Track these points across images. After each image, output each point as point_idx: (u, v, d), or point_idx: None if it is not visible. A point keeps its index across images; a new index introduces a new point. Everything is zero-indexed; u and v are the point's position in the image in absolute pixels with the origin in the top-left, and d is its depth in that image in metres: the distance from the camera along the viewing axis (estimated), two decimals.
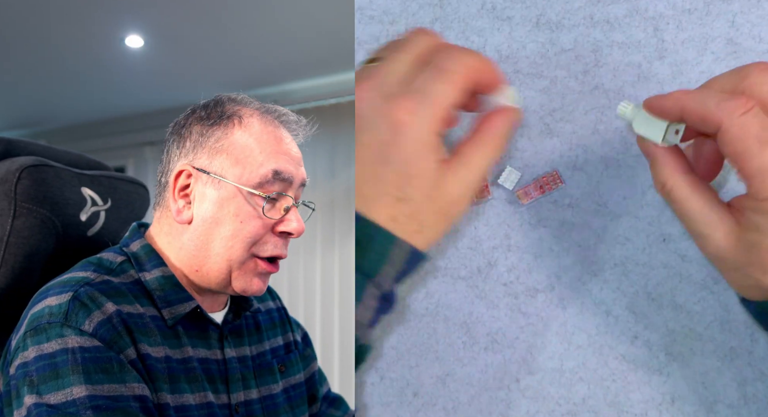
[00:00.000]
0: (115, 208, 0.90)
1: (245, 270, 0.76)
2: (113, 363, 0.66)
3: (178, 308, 0.74)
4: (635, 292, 0.67)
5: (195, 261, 0.76)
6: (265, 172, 0.74)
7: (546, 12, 0.71)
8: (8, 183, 0.79)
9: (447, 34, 0.73)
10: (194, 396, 0.73)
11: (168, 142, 0.79)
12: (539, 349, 0.69)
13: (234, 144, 0.75)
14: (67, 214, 0.83)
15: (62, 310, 0.67)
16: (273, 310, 0.90)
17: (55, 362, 0.65)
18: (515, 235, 0.70)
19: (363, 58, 0.75)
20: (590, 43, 0.69)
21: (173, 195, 0.76)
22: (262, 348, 0.85)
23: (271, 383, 0.83)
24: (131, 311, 0.71)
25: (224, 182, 0.74)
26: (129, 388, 0.66)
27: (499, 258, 0.71)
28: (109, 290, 0.70)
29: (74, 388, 0.64)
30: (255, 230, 0.74)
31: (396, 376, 0.73)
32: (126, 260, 0.76)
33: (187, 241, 0.76)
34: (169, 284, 0.75)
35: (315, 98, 3.14)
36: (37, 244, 0.81)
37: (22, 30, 2.69)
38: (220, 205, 0.74)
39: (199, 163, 0.75)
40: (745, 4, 0.66)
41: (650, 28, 0.68)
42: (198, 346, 0.76)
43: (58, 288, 0.70)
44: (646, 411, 0.66)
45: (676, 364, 0.66)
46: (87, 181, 0.87)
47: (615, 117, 0.68)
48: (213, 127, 0.76)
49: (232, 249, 0.74)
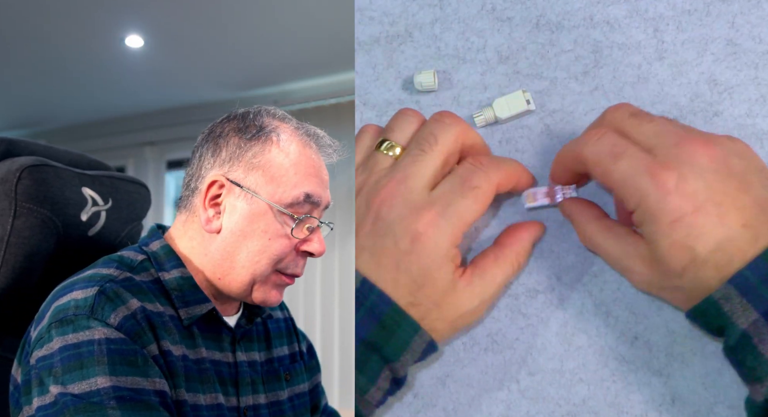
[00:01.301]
0: (116, 208, 0.90)
1: (266, 282, 0.77)
2: (137, 356, 0.68)
3: (194, 309, 0.75)
4: (635, 292, 0.67)
5: (219, 269, 0.77)
6: (297, 193, 0.76)
7: (546, 13, 0.71)
8: (9, 183, 0.79)
9: (447, 35, 0.73)
10: (205, 396, 0.74)
11: (201, 147, 0.79)
12: (539, 350, 0.69)
13: (270, 162, 0.76)
14: (67, 214, 0.83)
15: (88, 304, 0.68)
16: (281, 320, 0.91)
17: (80, 353, 0.66)
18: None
19: (363, 58, 0.75)
20: (590, 44, 0.69)
21: (204, 203, 0.76)
22: (270, 355, 0.86)
23: (279, 390, 0.84)
24: (153, 309, 0.72)
25: (257, 198, 0.75)
26: (151, 382, 0.67)
27: None
28: (132, 287, 0.72)
29: (99, 378, 0.65)
30: (282, 248, 0.76)
31: None
32: (146, 259, 0.77)
33: (214, 250, 0.77)
34: (187, 285, 0.76)
35: (315, 98, 3.14)
36: (37, 244, 0.81)
37: (22, 30, 2.69)
38: (251, 219, 0.75)
39: (234, 175, 0.76)
40: (745, 5, 0.66)
41: (650, 29, 0.68)
42: (211, 348, 0.77)
43: (83, 282, 0.71)
44: (647, 412, 0.66)
45: (676, 365, 0.66)
46: (88, 181, 0.87)
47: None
48: (251, 141, 0.76)
49: (258, 264, 0.76)
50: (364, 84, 0.74)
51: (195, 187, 0.78)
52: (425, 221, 0.55)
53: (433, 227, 0.55)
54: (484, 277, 0.59)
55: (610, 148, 0.55)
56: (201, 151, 0.79)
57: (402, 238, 0.56)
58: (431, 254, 0.56)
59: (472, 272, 0.59)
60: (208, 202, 0.76)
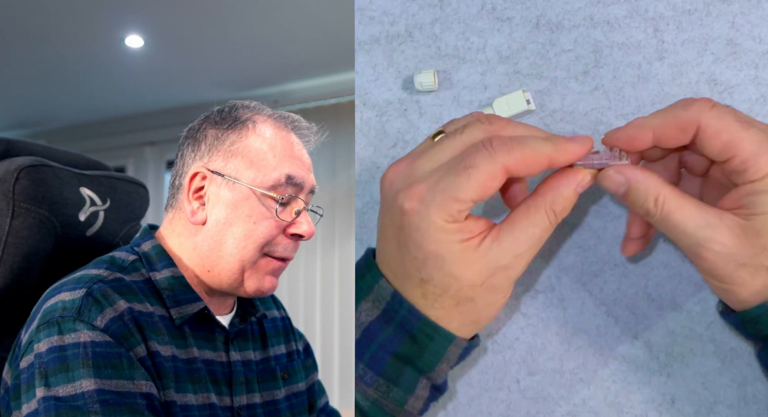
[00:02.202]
0: (115, 208, 0.90)
1: (257, 269, 0.77)
2: (123, 359, 0.67)
3: (186, 308, 0.75)
4: (635, 292, 0.67)
5: (208, 261, 0.77)
6: (278, 175, 0.76)
7: (546, 13, 0.70)
8: (6, 183, 0.79)
9: (447, 35, 0.73)
10: (197, 396, 0.74)
11: (182, 145, 0.80)
12: (539, 350, 0.68)
13: (248, 147, 0.76)
14: (65, 214, 0.83)
15: (75, 306, 0.68)
16: (277, 320, 0.91)
17: (66, 355, 0.66)
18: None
19: (363, 58, 0.75)
20: (590, 43, 0.69)
21: (188, 196, 0.77)
22: (266, 354, 0.85)
23: (274, 389, 0.84)
24: (142, 309, 0.72)
25: (238, 184, 0.75)
26: (137, 385, 0.67)
27: None
28: (122, 288, 0.72)
29: (83, 381, 0.65)
30: (268, 231, 0.76)
31: None
32: (137, 259, 0.77)
33: (201, 241, 0.77)
34: (179, 284, 0.76)
35: (315, 98, 3.14)
36: (35, 244, 0.81)
37: (22, 30, 2.69)
38: (234, 206, 0.75)
39: (213, 165, 0.77)
40: (745, 5, 0.66)
41: (650, 29, 0.68)
42: (203, 348, 0.77)
43: (72, 284, 0.71)
44: (647, 412, 0.66)
45: (676, 365, 0.66)
46: (86, 181, 0.87)
47: (615, 117, 0.68)
48: (228, 130, 0.77)
49: (245, 249, 0.75)
50: (364, 84, 0.74)
51: (179, 184, 0.79)
52: (413, 196, 0.53)
53: (419, 202, 0.53)
54: (513, 231, 0.54)
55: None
56: (182, 150, 0.80)
57: (396, 214, 0.55)
58: (420, 229, 0.53)
59: (500, 229, 0.55)
60: (191, 195, 0.77)
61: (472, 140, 0.55)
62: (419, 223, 0.53)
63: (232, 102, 0.81)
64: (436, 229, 0.53)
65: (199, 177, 0.77)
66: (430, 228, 0.53)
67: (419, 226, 0.53)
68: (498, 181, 0.53)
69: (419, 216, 0.53)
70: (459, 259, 0.54)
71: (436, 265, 0.54)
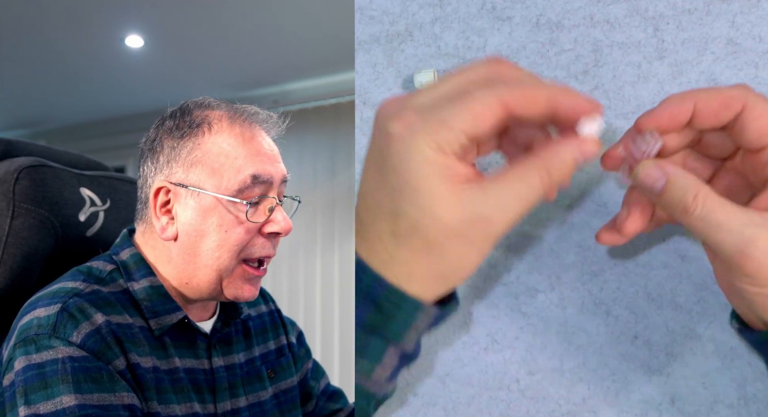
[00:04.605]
0: (115, 209, 0.90)
1: (235, 277, 0.75)
2: (102, 373, 0.66)
3: (165, 319, 0.74)
4: (635, 292, 0.67)
5: (184, 274, 0.75)
6: (243, 177, 0.73)
7: (546, 12, 0.70)
8: (6, 183, 0.79)
9: (447, 34, 0.73)
10: (180, 407, 0.73)
11: (142, 156, 0.78)
12: (539, 349, 0.68)
13: (207, 153, 0.74)
14: (65, 215, 0.83)
15: (50, 322, 0.67)
16: (265, 315, 0.89)
17: (44, 372, 0.65)
18: (515, 235, 0.70)
19: (363, 58, 0.75)
20: (590, 43, 0.69)
21: (155, 212, 0.75)
22: (252, 354, 0.84)
23: (260, 390, 0.83)
24: (120, 321, 0.70)
25: (203, 193, 0.73)
26: (119, 397, 0.66)
27: (499, 258, 0.71)
28: (99, 301, 0.70)
29: (64, 397, 0.64)
30: (240, 237, 0.74)
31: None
32: (115, 269, 0.75)
33: (175, 255, 0.75)
34: (157, 294, 0.74)
35: (315, 98, 3.14)
36: (35, 245, 0.81)
37: (22, 30, 2.69)
38: (203, 216, 0.73)
39: (175, 177, 0.74)
40: (745, 4, 0.66)
41: (650, 28, 0.68)
42: (185, 356, 0.75)
43: (47, 299, 0.70)
44: (646, 411, 0.66)
45: (676, 364, 0.65)
46: (86, 181, 0.87)
47: (615, 117, 0.68)
48: (183, 138, 0.74)
49: (220, 259, 0.74)
50: (364, 84, 0.74)
51: (145, 198, 0.77)
52: (402, 122, 0.49)
53: (407, 128, 0.49)
54: (500, 183, 0.50)
55: None
56: (142, 161, 0.78)
57: (381, 140, 0.50)
58: (402, 156, 0.49)
59: (488, 179, 0.50)
60: (159, 211, 0.75)
61: (474, 77, 0.52)
62: (403, 149, 0.49)
63: (185, 102, 0.78)
64: (419, 158, 0.49)
65: (163, 192, 0.75)
66: (412, 156, 0.49)
67: (402, 152, 0.49)
68: (493, 113, 0.49)
69: (404, 142, 0.49)
70: (436, 196, 0.49)
71: (410, 197, 0.49)
